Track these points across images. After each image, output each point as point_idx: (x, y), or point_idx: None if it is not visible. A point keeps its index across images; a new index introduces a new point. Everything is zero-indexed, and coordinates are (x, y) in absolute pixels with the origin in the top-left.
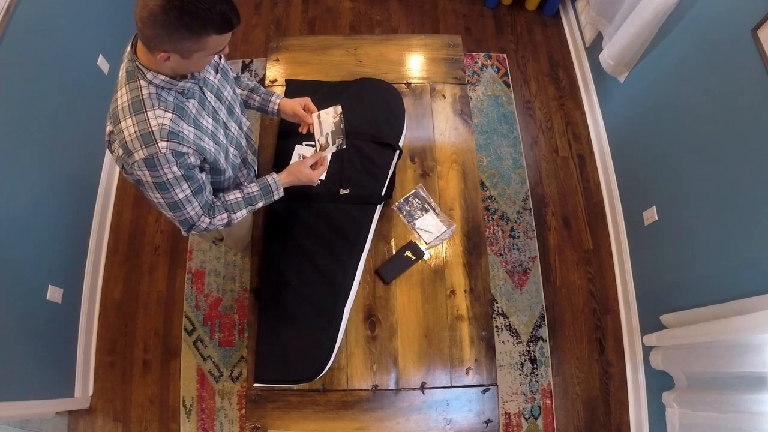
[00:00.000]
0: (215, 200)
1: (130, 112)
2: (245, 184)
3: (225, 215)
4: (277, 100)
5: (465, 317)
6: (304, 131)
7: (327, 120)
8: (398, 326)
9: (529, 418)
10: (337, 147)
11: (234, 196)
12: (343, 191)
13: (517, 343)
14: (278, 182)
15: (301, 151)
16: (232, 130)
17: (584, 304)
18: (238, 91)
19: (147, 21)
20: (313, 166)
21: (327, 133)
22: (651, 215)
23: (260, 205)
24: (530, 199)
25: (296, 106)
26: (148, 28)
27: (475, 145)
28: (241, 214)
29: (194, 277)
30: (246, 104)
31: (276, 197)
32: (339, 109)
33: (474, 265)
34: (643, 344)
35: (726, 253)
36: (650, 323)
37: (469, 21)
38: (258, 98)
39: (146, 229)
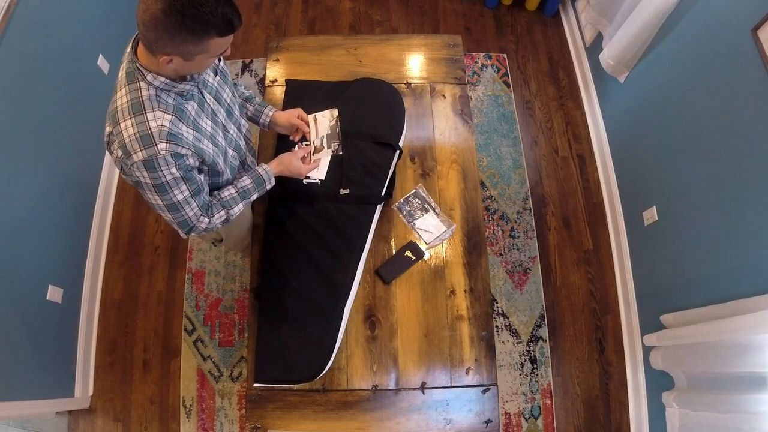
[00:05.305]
0: (211, 199)
1: (129, 114)
2: (237, 178)
3: (223, 212)
4: (270, 113)
5: (465, 317)
6: (297, 138)
7: (323, 123)
8: (398, 326)
9: (529, 418)
10: (333, 151)
11: (229, 192)
12: (343, 191)
13: (517, 343)
14: (269, 173)
15: None
16: (231, 132)
17: (584, 304)
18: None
19: (149, 24)
20: (303, 159)
21: (322, 136)
22: (651, 215)
23: (255, 197)
24: (530, 199)
25: (291, 116)
26: (150, 31)
27: (475, 145)
28: (238, 209)
29: (194, 277)
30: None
31: (268, 187)
32: (335, 112)
33: (474, 265)
34: (643, 344)
35: (726, 253)
36: (650, 323)
37: (469, 21)
38: (251, 108)
39: (146, 229)
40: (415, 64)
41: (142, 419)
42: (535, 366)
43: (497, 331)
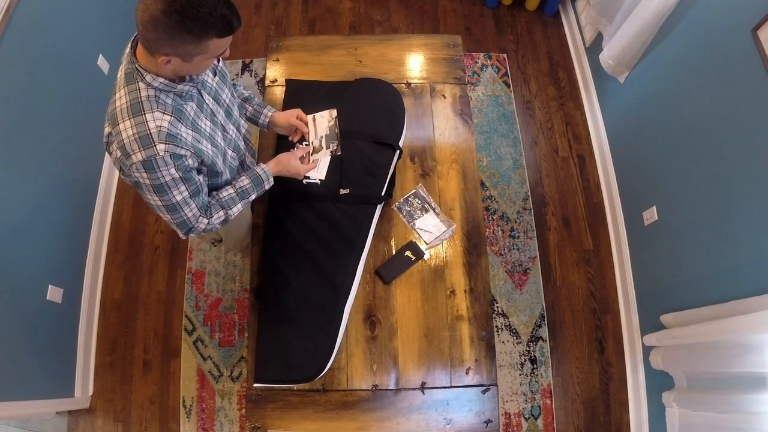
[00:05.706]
0: (210, 199)
1: (128, 114)
2: (236, 179)
3: (222, 213)
4: (269, 113)
5: (465, 317)
6: (296, 139)
7: (322, 123)
8: (398, 326)
9: (529, 418)
10: (332, 152)
11: (227, 192)
12: (343, 191)
13: (517, 343)
14: (268, 172)
15: None
16: (230, 132)
17: (584, 304)
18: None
19: (148, 25)
20: (302, 160)
21: (321, 137)
22: (651, 215)
23: (253, 197)
24: (530, 199)
25: (290, 116)
26: (149, 31)
27: (475, 145)
28: (237, 209)
29: (194, 277)
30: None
31: (267, 187)
32: (334, 113)
33: (474, 265)
34: (643, 344)
35: (726, 253)
36: (650, 323)
37: (469, 21)
38: (250, 108)
39: (146, 229)
40: (415, 64)
41: (142, 419)
42: (535, 366)
43: (497, 331)
